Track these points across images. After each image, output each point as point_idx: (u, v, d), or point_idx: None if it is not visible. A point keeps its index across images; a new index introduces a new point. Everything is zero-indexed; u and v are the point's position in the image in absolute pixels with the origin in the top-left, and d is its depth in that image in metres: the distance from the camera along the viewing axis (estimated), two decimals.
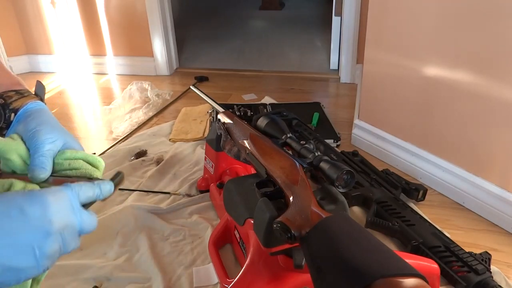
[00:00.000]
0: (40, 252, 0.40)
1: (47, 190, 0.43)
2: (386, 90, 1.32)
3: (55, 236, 0.41)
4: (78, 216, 0.44)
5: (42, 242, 0.40)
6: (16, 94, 0.56)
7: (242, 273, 0.73)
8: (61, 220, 0.42)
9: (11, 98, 0.55)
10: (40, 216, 0.40)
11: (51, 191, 0.43)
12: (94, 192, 0.47)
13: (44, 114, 0.55)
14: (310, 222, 0.57)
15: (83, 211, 0.45)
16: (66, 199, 0.44)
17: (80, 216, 0.44)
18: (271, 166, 0.71)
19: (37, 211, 0.40)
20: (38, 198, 0.41)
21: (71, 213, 0.44)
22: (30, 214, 0.40)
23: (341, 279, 0.45)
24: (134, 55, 2.37)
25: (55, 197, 0.43)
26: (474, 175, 1.10)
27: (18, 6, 2.34)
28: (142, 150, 1.42)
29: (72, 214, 0.44)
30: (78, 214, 0.44)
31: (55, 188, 0.44)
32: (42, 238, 0.40)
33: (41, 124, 0.52)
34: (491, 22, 0.96)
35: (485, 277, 0.82)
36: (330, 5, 2.25)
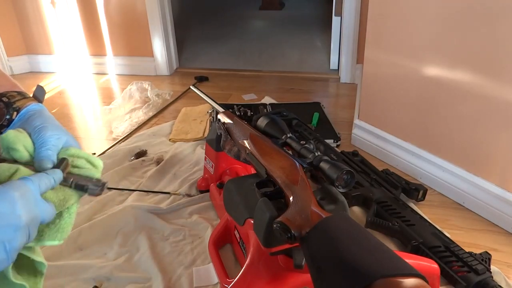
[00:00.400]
0: (10, 246, 0.41)
1: (11, 185, 0.44)
2: (386, 90, 1.32)
3: (23, 230, 0.43)
4: (40, 208, 0.46)
5: (12, 237, 0.41)
6: (18, 94, 0.57)
7: (242, 273, 0.74)
8: (27, 214, 0.43)
9: (14, 98, 0.56)
10: (9, 212, 0.42)
11: (15, 186, 0.44)
12: (50, 182, 0.49)
13: (46, 115, 0.56)
14: (310, 222, 0.57)
15: (44, 202, 0.47)
16: (30, 193, 0.45)
17: (42, 207, 0.46)
18: (271, 166, 0.71)
19: (5, 208, 0.41)
20: (5, 194, 0.42)
21: (35, 206, 0.45)
22: (0, 210, 0.41)
23: (341, 279, 0.45)
24: (134, 55, 2.37)
25: (20, 191, 0.44)
26: (474, 175, 1.10)
27: (18, 6, 2.34)
28: (142, 150, 1.42)
29: (35, 206, 0.45)
30: (40, 205, 0.46)
31: (19, 182, 0.45)
32: (12, 233, 0.41)
33: (46, 122, 0.54)
34: (491, 22, 0.96)
35: (485, 277, 0.82)
36: (330, 5, 2.25)
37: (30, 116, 0.55)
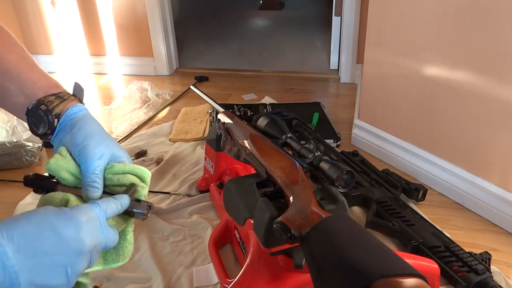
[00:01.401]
0: (72, 271, 0.41)
1: (79, 209, 0.44)
2: (386, 90, 1.32)
3: (86, 255, 0.43)
4: (105, 234, 0.45)
5: (74, 262, 0.41)
6: (56, 98, 0.55)
7: (242, 273, 0.73)
8: (92, 239, 0.43)
9: (53, 104, 0.54)
10: (74, 237, 0.41)
11: (83, 210, 0.44)
12: (117, 207, 0.49)
13: (88, 122, 0.54)
14: (310, 222, 0.57)
15: (109, 228, 0.47)
16: (96, 219, 0.45)
17: (106, 233, 0.46)
18: (271, 166, 0.71)
19: (71, 232, 0.41)
20: (71, 219, 0.42)
21: (100, 232, 0.45)
22: (65, 235, 0.41)
23: (341, 279, 0.45)
24: (134, 55, 2.37)
25: (87, 216, 0.44)
26: (474, 175, 1.10)
27: (18, 6, 2.34)
28: (142, 150, 1.42)
29: (100, 232, 0.45)
30: (105, 231, 0.46)
31: (86, 207, 0.45)
32: (75, 258, 0.41)
33: (88, 137, 0.52)
34: (491, 22, 0.96)
35: (485, 277, 0.82)
36: (330, 5, 2.25)
37: (72, 127, 0.53)
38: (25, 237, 0.38)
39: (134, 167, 0.54)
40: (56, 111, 0.54)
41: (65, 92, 0.57)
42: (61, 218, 0.42)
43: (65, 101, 0.55)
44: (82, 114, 0.55)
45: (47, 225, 0.40)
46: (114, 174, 0.52)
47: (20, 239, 0.38)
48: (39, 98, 0.54)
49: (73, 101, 0.56)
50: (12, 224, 0.39)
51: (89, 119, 0.55)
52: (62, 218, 0.42)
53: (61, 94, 0.56)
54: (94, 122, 0.56)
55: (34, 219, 0.41)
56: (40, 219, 0.41)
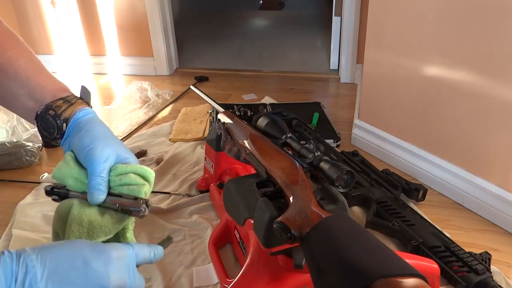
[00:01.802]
0: None
1: (112, 246, 0.45)
2: (386, 90, 1.32)
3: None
4: (132, 277, 0.45)
5: None
6: (64, 102, 0.55)
7: (242, 273, 0.73)
8: (118, 279, 0.43)
9: (61, 108, 0.55)
10: (102, 271, 0.42)
11: (115, 248, 0.45)
12: (150, 256, 0.50)
13: (94, 125, 0.55)
14: (310, 222, 0.57)
15: (137, 273, 0.47)
16: (127, 259, 0.45)
17: (133, 277, 0.46)
18: (271, 166, 0.71)
19: (100, 266, 0.42)
20: (103, 253, 0.43)
21: (128, 273, 0.45)
22: (94, 267, 0.41)
23: (341, 279, 0.45)
24: (134, 55, 2.37)
25: (118, 254, 0.44)
26: (474, 175, 1.10)
27: (18, 6, 2.34)
28: (142, 150, 1.42)
29: (128, 274, 0.45)
30: (132, 275, 0.46)
31: (120, 245, 0.46)
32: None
33: (94, 140, 0.52)
34: (491, 22, 0.96)
35: (485, 277, 0.82)
36: (330, 5, 2.25)
37: (80, 130, 0.54)
38: (57, 264, 0.39)
39: (137, 167, 0.54)
40: (65, 116, 0.54)
41: (72, 95, 0.57)
42: (93, 250, 0.42)
43: (73, 105, 0.56)
44: (89, 117, 0.56)
45: (79, 255, 0.41)
46: (116, 175, 0.52)
47: (51, 265, 0.39)
48: (48, 103, 0.55)
49: (81, 105, 0.57)
50: (47, 249, 0.40)
51: (96, 122, 0.56)
52: (95, 251, 0.42)
53: (69, 98, 0.56)
54: (102, 124, 0.56)
55: (69, 247, 0.42)
56: (74, 249, 0.42)
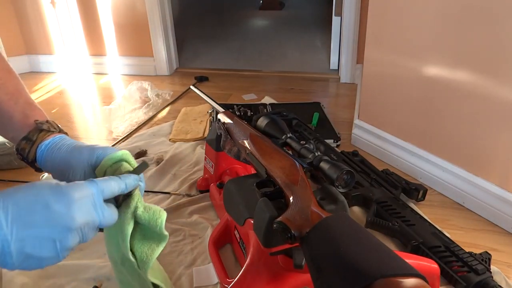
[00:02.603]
0: (61, 245, 0.43)
1: (73, 186, 0.46)
2: (386, 90, 1.32)
3: (76, 232, 0.44)
4: (99, 212, 0.47)
5: (63, 237, 0.43)
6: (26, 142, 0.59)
7: (242, 273, 0.73)
8: (83, 217, 0.44)
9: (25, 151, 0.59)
10: (64, 213, 0.43)
11: (77, 188, 0.46)
12: (119, 187, 0.51)
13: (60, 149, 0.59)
14: (310, 222, 0.57)
15: (104, 207, 0.48)
16: (89, 196, 0.46)
17: (101, 212, 0.47)
18: (271, 166, 0.71)
19: (61, 208, 0.43)
20: (64, 194, 0.44)
21: (93, 210, 0.46)
22: (55, 210, 0.42)
23: (341, 279, 0.45)
24: (134, 55, 2.37)
25: (80, 194, 0.45)
26: (474, 175, 1.10)
27: (18, 6, 2.34)
28: (142, 150, 1.42)
29: (93, 210, 0.46)
30: (100, 210, 0.47)
31: (82, 184, 0.47)
32: (64, 233, 0.43)
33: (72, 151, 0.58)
34: (491, 22, 0.96)
35: (485, 277, 0.82)
36: (330, 5, 2.25)
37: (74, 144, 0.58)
38: (18, 209, 0.41)
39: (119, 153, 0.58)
40: (30, 157, 0.59)
41: (34, 129, 0.60)
42: (54, 193, 0.43)
43: (35, 143, 0.59)
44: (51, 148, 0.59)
45: (40, 199, 0.42)
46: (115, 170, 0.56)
47: (14, 210, 0.40)
48: (15, 146, 0.59)
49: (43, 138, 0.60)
50: (8, 196, 0.41)
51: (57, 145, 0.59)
52: (55, 194, 0.43)
53: (30, 135, 0.59)
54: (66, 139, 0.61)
55: (29, 192, 0.43)
56: (34, 193, 0.43)
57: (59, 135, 0.61)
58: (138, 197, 0.56)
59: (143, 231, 0.57)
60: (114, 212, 0.50)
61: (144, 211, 0.55)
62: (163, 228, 0.56)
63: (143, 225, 0.56)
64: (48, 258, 0.42)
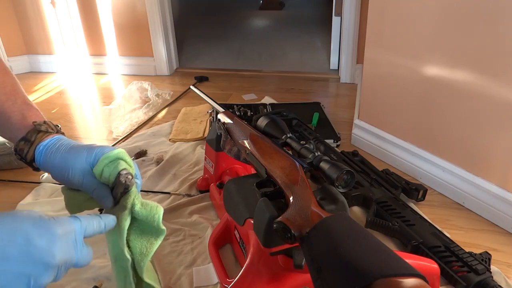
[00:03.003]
0: (34, 283, 0.40)
1: (57, 221, 0.43)
2: (386, 90, 1.32)
3: (53, 270, 0.41)
4: (78, 252, 0.45)
5: (39, 274, 0.40)
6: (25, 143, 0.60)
7: (242, 273, 0.73)
8: (63, 255, 0.42)
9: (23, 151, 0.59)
10: (45, 249, 0.40)
11: (61, 223, 0.43)
12: (99, 227, 0.49)
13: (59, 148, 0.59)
14: (310, 222, 0.57)
15: (84, 246, 0.46)
16: (72, 234, 0.44)
17: (80, 251, 0.45)
18: (271, 166, 0.71)
19: (43, 244, 0.40)
20: (47, 229, 0.41)
21: (73, 248, 0.44)
22: (37, 245, 0.40)
23: (341, 279, 0.45)
24: (134, 55, 2.37)
25: (63, 230, 0.43)
26: (474, 175, 1.10)
27: (18, 6, 2.34)
28: (142, 150, 1.42)
29: (73, 249, 0.44)
30: (79, 249, 0.45)
31: (66, 220, 0.44)
32: (41, 270, 0.40)
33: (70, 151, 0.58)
34: (491, 22, 0.96)
35: (485, 277, 0.82)
36: (330, 5, 2.25)
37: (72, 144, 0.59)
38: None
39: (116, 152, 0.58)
40: (29, 157, 0.59)
41: (32, 130, 0.61)
42: (36, 226, 0.41)
43: (33, 143, 0.59)
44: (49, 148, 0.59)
45: (20, 231, 0.39)
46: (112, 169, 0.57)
47: None
48: (14, 146, 0.60)
49: (42, 138, 0.60)
50: None
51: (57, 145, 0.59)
52: (38, 227, 0.41)
53: (29, 136, 0.60)
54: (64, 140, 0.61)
55: (11, 222, 0.40)
56: (15, 224, 0.40)
57: (57, 135, 0.61)
58: (135, 194, 0.56)
59: (141, 226, 0.58)
60: (90, 253, 0.48)
61: (141, 207, 0.56)
62: (161, 223, 0.57)
63: (141, 220, 0.57)
64: None
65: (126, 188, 0.56)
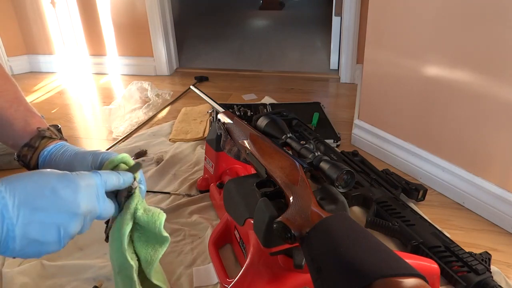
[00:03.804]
0: (64, 232, 0.43)
1: (79, 175, 0.47)
2: (386, 90, 1.32)
3: (79, 219, 0.45)
4: (101, 203, 0.48)
5: (68, 223, 0.44)
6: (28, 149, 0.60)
7: (242, 273, 0.73)
8: (87, 205, 0.46)
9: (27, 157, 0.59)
10: (71, 199, 0.44)
11: (83, 177, 0.47)
12: (119, 182, 0.52)
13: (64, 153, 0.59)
14: (310, 222, 0.57)
15: (106, 199, 0.50)
16: (94, 186, 0.47)
17: (103, 203, 0.49)
18: (271, 166, 0.71)
19: (68, 194, 0.44)
20: (71, 182, 0.45)
21: (96, 200, 0.47)
22: (62, 196, 0.43)
23: (341, 279, 0.45)
24: (134, 55, 2.37)
25: (86, 182, 0.46)
26: (474, 175, 1.10)
27: (18, 6, 2.34)
28: (142, 150, 1.42)
29: (96, 201, 0.48)
30: (102, 201, 0.48)
31: (87, 174, 0.48)
32: (69, 219, 0.44)
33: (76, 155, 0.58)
34: (491, 22, 0.96)
35: (485, 277, 0.82)
36: (330, 5, 2.25)
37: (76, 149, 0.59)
38: (26, 194, 0.41)
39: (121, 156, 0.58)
40: (32, 163, 0.59)
41: (36, 136, 0.61)
42: (61, 180, 0.44)
43: (37, 149, 0.59)
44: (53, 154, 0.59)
45: (47, 184, 0.43)
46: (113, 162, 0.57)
47: (21, 195, 0.41)
48: (17, 152, 0.60)
49: (45, 144, 0.60)
50: (16, 180, 0.42)
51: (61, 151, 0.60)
52: (63, 180, 0.44)
53: (32, 142, 0.60)
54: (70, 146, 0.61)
55: (37, 178, 0.43)
56: (42, 179, 0.43)
57: (61, 142, 0.61)
58: (138, 198, 0.56)
59: (146, 233, 0.57)
60: (112, 205, 0.51)
61: (143, 213, 0.56)
62: (162, 230, 0.57)
63: (144, 227, 0.56)
64: (49, 243, 0.43)
65: (129, 191, 0.56)
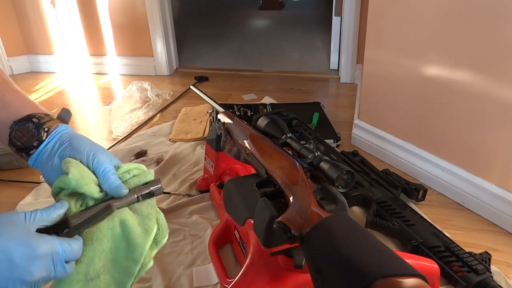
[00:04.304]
0: None
1: (40, 239, 0.44)
2: (386, 90, 1.32)
3: (29, 285, 0.43)
4: (57, 270, 0.45)
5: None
6: (46, 116, 0.56)
7: (242, 273, 0.73)
8: (40, 274, 0.43)
9: (43, 119, 0.55)
10: (25, 268, 0.42)
11: (44, 242, 0.44)
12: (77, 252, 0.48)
13: (82, 137, 0.56)
14: (310, 222, 0.57)
15: (63, 265, 0.46)
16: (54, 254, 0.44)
17: (59, 269, 0.45)
18: (271, 166, 0.71)
19: (23, 263, 0.41)
20: (29, 250, 0.42)
21: (52, 267, 0.45)
22: (18, 264, 0.41)
23: (341, 279, 0.45)
24: (134, 55, 2.37)
25: (45, 250, 0.43)
26: (474, 175, 1.10)
27: (18, 6, 2.34)
28: (142, 150, 1.42)
29: (52, 268, 0.45)
30: (58, 268, 0.45)
31: (51, 240, 0.45)
32: (17, 286, 0.42)
33: (92, 146, 0.54)
34: (491, 22, 0.96)
35: (485, 277, 0.82)
36: (330, 5, 2.25)
37: (70, 139, 0.54)
38: None
39: (134, 164, 0.58)
40: (48, 125, 0.55)
41: (50, 114, 0.58)
42: (20, 245, 0.42)
43: (53, 120, 0.57)
44: (72, 131, 0.57)
45: (4, 249, 0.41)
46: (123, 172, 0.55)
47: None
48: (29, 113, 0.55)
49: (60, 122, 0.57)
50: None
51: (80, 135, 0.57)
52: (21, 245, 0.42)
53: (49, 115, 0.57)
54: (86, 137, 0.58)
55: None
56: (2, 241, 0.41)
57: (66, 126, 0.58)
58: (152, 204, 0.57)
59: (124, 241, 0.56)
60: (70, 268, 0.48)
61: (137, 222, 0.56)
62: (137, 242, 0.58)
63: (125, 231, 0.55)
64: None
65: (151, 194, 0.55)
